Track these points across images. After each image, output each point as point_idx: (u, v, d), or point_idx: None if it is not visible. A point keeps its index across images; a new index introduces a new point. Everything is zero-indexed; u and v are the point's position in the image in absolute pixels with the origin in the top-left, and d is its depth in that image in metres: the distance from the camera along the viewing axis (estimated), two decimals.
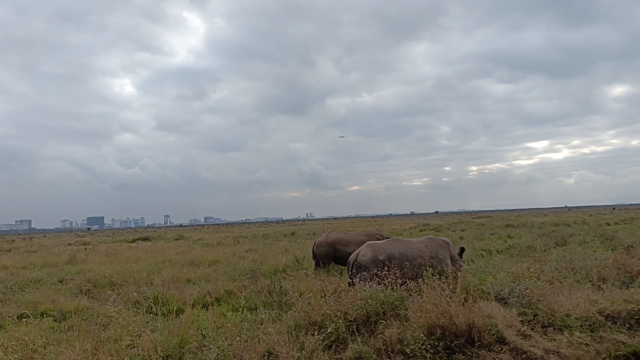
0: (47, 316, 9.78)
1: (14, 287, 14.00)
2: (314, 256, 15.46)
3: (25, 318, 7.79)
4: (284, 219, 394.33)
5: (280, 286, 11.05)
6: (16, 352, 5.89)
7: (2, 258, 26.01)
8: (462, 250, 11.01)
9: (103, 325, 8.41)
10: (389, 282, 8.57)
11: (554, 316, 7.37)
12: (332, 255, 15.13)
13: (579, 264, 11.36)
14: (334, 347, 6.61)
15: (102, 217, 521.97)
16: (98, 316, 9.54)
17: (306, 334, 6.80)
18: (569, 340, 6.66)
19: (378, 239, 13.97)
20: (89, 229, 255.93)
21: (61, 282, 15.36)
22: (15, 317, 9.77)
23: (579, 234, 24.13)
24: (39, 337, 6.51)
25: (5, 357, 5.72)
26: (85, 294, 12.95)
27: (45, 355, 6.02)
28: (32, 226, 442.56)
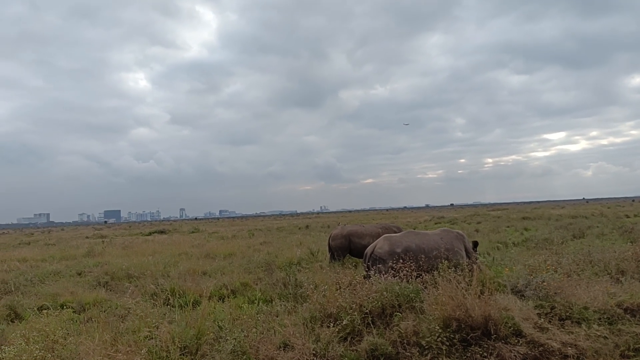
0: (66, 308, 9.93)
1: (33, 279, 14.24)
2: (330, 249, 15.50)
3: (45, 309, 7.90)
4: (298, 212, 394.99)
5: (295, 279, 11.10)
6: (37, 342, 5.99)
7: (21, 251, 26.46)
8: (475, 243, 10.93)
9: (121, 317, 8.52)
10: (404, 275, 8.56)
11: (572, 309, 7.30)
12: (348, 248, 15.15)
13: (597, 257, 11.23)
14: (349, 339, 6.63)
15: (119, 211, 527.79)
16: (116, 308, 9.67)
17: (322, 326, 6.82)
18: (586, 333, 6.60)
19: (394, 232, 13.94)
20: (106, 222, 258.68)
21: (80, 274, 15.57)
22: (35, 309, 9.94)
23: (597, 226, 23.84)
24: (59, 328, 6.60)
25: (27, 347, 5.81)
26: (104, 286, 13.13)
27: (65, 345, 6.11)
28: (51, 219, 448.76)
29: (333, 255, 15.22)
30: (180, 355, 5.79)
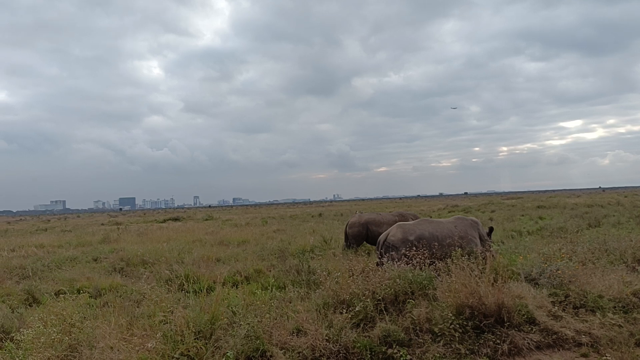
0: (83, 293, 10.09)
1: (50, 264, 14.48)
2: (346, 236, 15.52)
3: (62, 294, 8.04)
4: (312, 200, 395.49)
5: (308, 265, 11.14)
6: (55, 325, 6.10)
7: (39, 237, 26.86)
8: (490, 230, 10.85)
9: (137, 302, 8.63)
10: (417, 262, 8.55)
11: (586, 297, 7.26)
12: (365, 236, 15.19)
13: (613, 245, 11.12)
14: (362, 325, 6.65)
15: (134, 198, 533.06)
16: (132, 293, 9.80)
17: (334, 312, 6.85)
18: (601, 322, 6.56)
19: (411, 220, 13.92)
20: (121, 209, 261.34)
21: (95, 260, 15.79)
22: (53, 293, 10.10)
23: (614, 215, 23.54)
24: (76, 312, 6.71)
25: (45, 330, 5.93)
26: (119, 272, 13.32)
27: (82, 329, 6.21)
28: (67, 206, 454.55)
29: (349, 243, 15.24)
30: (195, 339, 5.86)
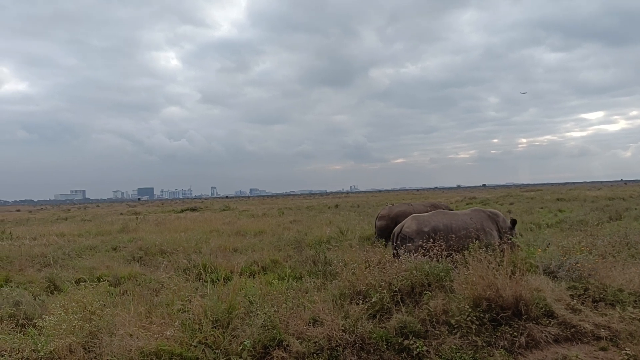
0: (102, 281, 10.22)
1: (71, 253, 14.74)
2: (376, 228, 15.31)
3: (82, 282, 8.18)
4: (328, 191, 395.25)
5: (324, 256, 11.17)
6: (76, 312, 6.21)
7: (59, 226, 27.32)
8: (513, 222, 10.71)
9: (155, 290, 8.74)
10: (434, 254, 8.52)
11: (606, 291, 7.17)
12: (392, 229, 15.02)
13: (635, 239, 10.95)
14: (378, 316, 6.66)
15: (152, 188, 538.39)
16: (150, 282, 9.92)
17: (351, 303, 6.86)
18: (621, 316, 6.48)
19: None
20: (139, 199, 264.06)
21: (115, 249, 16.02)
22: (73, 281, 10.28)
23: (635, 208, 23.13)
24: (96, 300, 6.81)
25: (66, 317, 6.04)
26: (138, 261, 13.50)
27: (102, 316, 6.31)
28: (86, 196, 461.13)
29: (381, 235, 15.06)
30: (212, 328, 5.91)
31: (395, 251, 9.70)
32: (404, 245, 9.57)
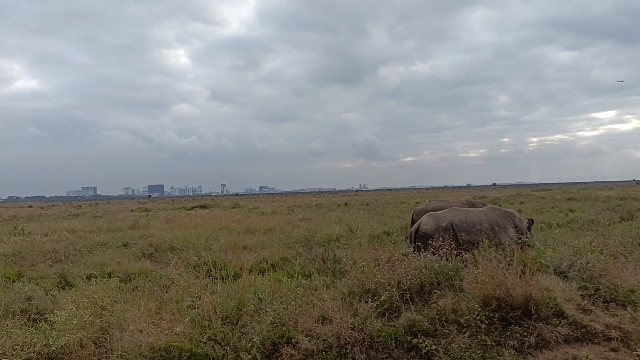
0: (113, 277, 10.30)
1: (82, 249, 14.86)
2: (413, 224, 15.15)
3: (93, 278, 8.23)
4: (337, 189, 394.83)
5: (334, 254, 11.18)
6: (87, 308, 6.27)
7: (71, 222, 27.55)
8: (530, 222, 10.67)
9: (165, 287, 8.79)
10: (444, 253, 8.50)
11: (617, 291, 7.12)
12: None
13: None
14: (387, 314, 6.65)
15: (162, 185, 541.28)
16: (160, 278, 9.98)
17: (360, 301, 6.86)
18: (632, 317, 6.43)
19: (479, 207, 13.73)
20: (149, 196, 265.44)
21: (125, 245, 16.12)
22: (84, 277, 10.36)
23: None
24: (107, 296, 6.86)
25: (77, 312, 6.10)
26: (148, 258, 13.59)
27: (113, 312, 6.37)
28: (97, 193, 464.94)
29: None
30: (222, 324, 5.94)
31: (412, 249, 9.56)
32: (424, 243, 9.50)
